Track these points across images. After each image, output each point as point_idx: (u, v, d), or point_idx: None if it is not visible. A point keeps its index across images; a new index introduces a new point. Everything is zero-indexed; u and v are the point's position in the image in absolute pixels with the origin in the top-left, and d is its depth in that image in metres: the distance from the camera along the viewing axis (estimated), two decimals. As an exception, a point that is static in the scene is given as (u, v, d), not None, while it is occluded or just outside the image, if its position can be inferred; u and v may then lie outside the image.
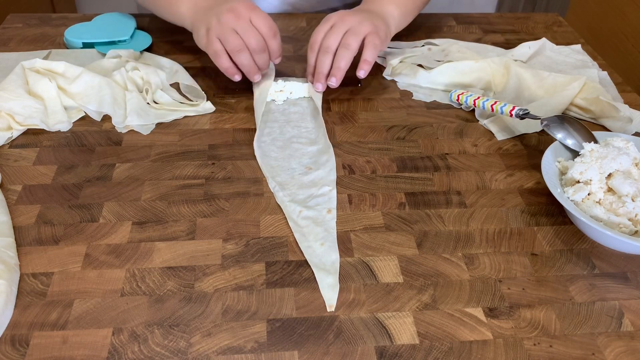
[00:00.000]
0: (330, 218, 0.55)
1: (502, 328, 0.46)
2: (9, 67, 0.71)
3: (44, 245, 0.51)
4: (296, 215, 0.55)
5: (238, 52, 0.65)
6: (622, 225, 0.51)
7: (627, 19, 1.22)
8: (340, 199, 0.58)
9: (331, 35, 0.68)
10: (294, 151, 0.63)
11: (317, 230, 0.53)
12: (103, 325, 0.45)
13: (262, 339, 0.44)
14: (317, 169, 0.60)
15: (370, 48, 0.68)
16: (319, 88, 0.70)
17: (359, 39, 0.67)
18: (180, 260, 0.50)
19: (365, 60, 0.68)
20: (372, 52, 0.68)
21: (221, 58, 0.66)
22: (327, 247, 0.52)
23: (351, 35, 0.67)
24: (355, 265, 0.51)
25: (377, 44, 0.68)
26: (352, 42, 0.67)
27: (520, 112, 0.64)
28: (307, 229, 0.53)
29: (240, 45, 0.65)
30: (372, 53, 0.68)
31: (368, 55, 0.68)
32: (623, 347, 0.45)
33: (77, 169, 0.60)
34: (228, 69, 0.66)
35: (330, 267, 0.50)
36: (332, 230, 0.54)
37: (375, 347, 0.44)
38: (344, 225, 0.55)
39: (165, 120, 0.67)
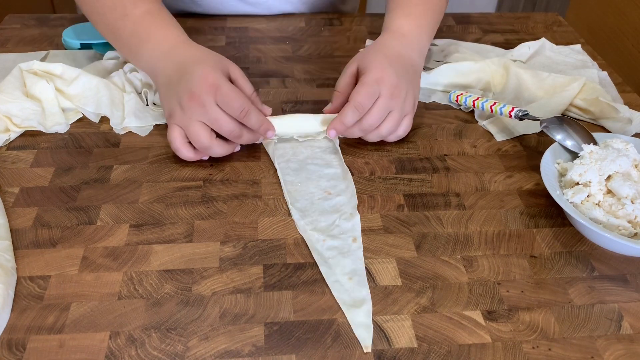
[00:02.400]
0: (356, 247, 0.52)
1: (501, 331, 0.46)
2: (6, 68, 0.71)
3: (41, 248, 0.51)
4: (320, 245, 0.52)
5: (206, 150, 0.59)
6: (622, 227, 0.51)
7: (627, 19, 1.22)
8: (339, 201, 0.57)
9: (376, 114, 0.60)
10: (310, 173, 0.60)
11: (344, 262, 0.50)
12: (100, 328, 0.44)
13: (259, 343, 0.44)
14: (337, 195, 0.58)
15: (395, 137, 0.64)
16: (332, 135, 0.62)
17: (397, 126, 0.63)
18: (178, 263, 0.50)
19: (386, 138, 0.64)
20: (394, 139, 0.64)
21: (180, 151, 0.59)
22: (356, 281, 0.49)
23: (393, 123, 0.62)
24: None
25: (407, 130, 0.64)
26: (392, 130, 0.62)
27: (519, 113, 0.64)
28: (334, 261, 0.51)
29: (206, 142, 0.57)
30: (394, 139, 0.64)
31: (392, 138, 0.64)
32: (622, 350, 0.45)
33: (74, 171, 0.60)
34: (190, 158, 0.60)
35: (361, 303, 0.47)
36: (360, 261, 0.51)
37: (374, 351, 0.44)
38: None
39: (163, 122, 0.67)
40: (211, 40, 0.84)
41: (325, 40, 0.86)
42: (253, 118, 0.59)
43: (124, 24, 0.64)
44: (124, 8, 0.63)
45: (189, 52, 0.62)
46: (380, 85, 0.60)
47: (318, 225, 0.54)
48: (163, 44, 0.63)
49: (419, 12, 0.70)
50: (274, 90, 0.74)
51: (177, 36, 0.64)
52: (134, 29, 0.63)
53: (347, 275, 0.49)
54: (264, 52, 0.82)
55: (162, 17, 0.65)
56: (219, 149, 0.59)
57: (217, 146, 0.59)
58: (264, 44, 0.85)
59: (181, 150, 0.59)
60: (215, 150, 0.59)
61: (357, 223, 0.55)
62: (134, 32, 0.63)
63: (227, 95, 0.57)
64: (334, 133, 0.61)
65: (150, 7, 0.64)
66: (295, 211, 0.55)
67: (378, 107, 0.60)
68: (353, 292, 0.48)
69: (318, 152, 0.64)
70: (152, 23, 0.64)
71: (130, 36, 0.64)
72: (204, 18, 0.89)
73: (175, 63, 0.61)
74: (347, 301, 0.47)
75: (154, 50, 0.62)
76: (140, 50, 0.63)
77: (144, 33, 0.63)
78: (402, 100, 0.61)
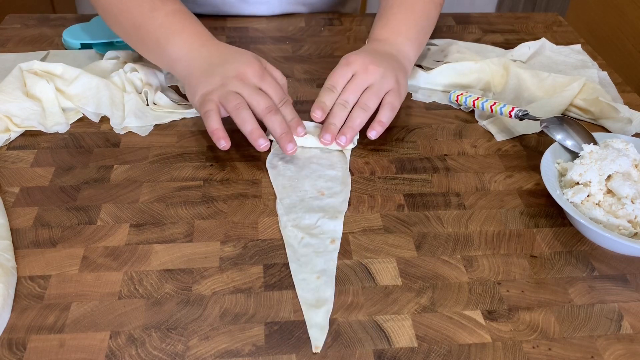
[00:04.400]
0: (332, 249, 0.52)
1: (501, 331, 0.46)
2: (6, 68, 0.71)
3: (41, 247, 0.51)
4: (297, 242, 0.52)
5: (239, 110, 0.57)
6: (622, 227, 0.51)
7: (627, 19, 1.22)
8: (339, 200, 0.57)
9: (351, 89, 0.61)
10: (311, 172, 0.60)
11: (316, 261, 0.50)
12: (100, 328, 0.44)
13: (259, 342, 0.44)
14: (329, 197, 0.57)
15: (387, 110, 0.62)
16: (327, 139, 0.61)
17: (378, 99, 0.62)
18: (178, 263, 0.50)
19: (379, 122, 0.61)
20: (388, 114, 0.62)
21: (211, 118, 0.57)
22: (323, 281, 0.49)
23: (371, 95, 0.61)
24: (354, 268, 0.50)
25: (396, 106, 0.63)
26: (371, 103, 0.61)
27: (519, 113, 0.64)
28: (305, 259, 0.50)
29: (242, 104, 0.57)
30: (389, 115, 0.62)
31: (384, 116, 0.62)
32: (622, 350, 0.45)
33: (74, 170, 0.60)
34: (216, 130, 0.57)
35: (322, 304, 0.47)
36: (333, 263, 0.50)
37: (374, 351, 0.44)
38: (343, 227, 0.54)
39: (164, 122, 0.67)
40: (211, 40, 0.84)
41: (325, 40, 0.87)
42: (290, 107, 0.61)
43: (152, 17, 0.64)
44: (153, 3, 0.64)
45: (226, 46, 0.64)
46: (351, 64, 0.62)
47: (300, 222, 0.54)
48: (198, 36, 0.64)
49: (396, 21, 0.71)
50: (274, 90, 0.74)
51: (210, 35, 0.65)
52: (164, 21, 0.64)
53: (316, 274, 0.49)
54: (264, 52, 0.82)
55: (192, 16, 0.66)
56: (249, 113, 0.57)
57: (249, 111, 0.58)
58: (264, 44, 0.85)
59: (212, 118, 0.57)
60: (246, 112, 0.57)
61: (340, 226, 0.54)
62: (165, 24, 0.64)
63: (272, 83, 0.60)
64: (319, 113, 0.62)
65: (180, 7, 0.66)
66: (281, 206, 0.56)
67: (351, 82, 0.62)
68: (318, 291, 0.48)
69: (325, 151, 0.63)
70: (184, 19, 0.65)
71: (160, 27, 0.64)
72: (204, 18, 0.89)
73: (215, 50, 0.62)
74: (309, 300, 0.47)
75: (188, 41, 0.63)
76: (172, 40, 0.63)
77: (177, 25, 0.64)
78: (379, 76, 0.62)
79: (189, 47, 0.63)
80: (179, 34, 0.63)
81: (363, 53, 0.64)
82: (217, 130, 0.57)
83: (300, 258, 0.51)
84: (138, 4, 0.65)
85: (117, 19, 0.67)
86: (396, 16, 0.71)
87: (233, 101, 0.57)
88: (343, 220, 0.55)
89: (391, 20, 0.71)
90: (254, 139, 0.57)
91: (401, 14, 0.71)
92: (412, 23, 0.71)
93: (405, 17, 0.71)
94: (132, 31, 0.66)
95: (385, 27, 0.71)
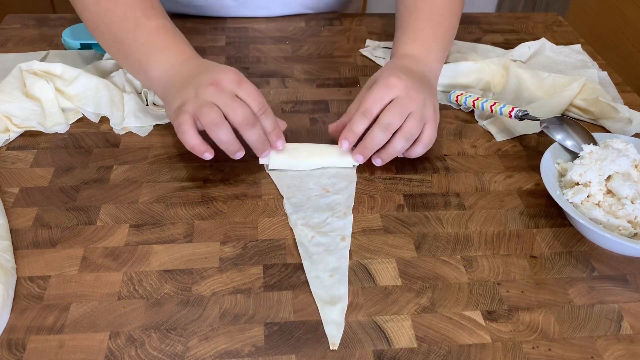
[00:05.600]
0: (343, 246, 0.52)
1: (501, 331, 0.46)
2: (6, 68, 0.71)
3: (41, 248, 0.51)
4: (308, 240, 0.52)
5: (215, 127, 0.53)
6: (622, 227, 0.51)
7: (627, 19, 1.22)
8: (339, 201, 0.57)
9: (396, 113, 0.57)
10: (312, 169, 0.61)
11: (328, 259, 0.51)
12: (100, 329, 0.44)
13: (259, 343, 0.44)
14: (335, 193, 0.58)
15: (422, 146, 0.59)
16: (360, 160, 0.59)
17: (420, 129, 0.58)
18: (178, 264, 0.50)
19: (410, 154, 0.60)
20: (422, 150, 0.60)
21: (187, 134, 0.53)
22: (337, 279, 0.49)
23: (416, 123, 0.57)
24: (354, 268, 0.50)
25: (432, 139, 0.59)
26: (415, 132, 0.58)
27: (519, 113, 0.64)
28: (318, 257, 0.51)
29: (218, 119, 0.53)
30: (422, 151, 0.60)
31: (418, 151, 0.60)
32: (622, 351, 0.45)
33: (74, 171, 0.60)
34: (195, 146, 0.53)
35: (337, 301, 0.47)
36: (345, 260, 0.51)
37: (373, 351, 0.44)
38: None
39: (163, 122, 0.67)
40: (211, 40, 0.84)
41: (325, 40, 0.86)
42: (270, 119, 0.57)
43: (134, 35, 0.61)
44: (137, 19, 0.62)
45: (208, 61, 0.61)
46: (392, 88, 0.57)
47: (310, 221, 0.54)
48: (180, 54, 0.61)
49: (425, 36, 0.68)
50: (274, 90, 0.74)
51: (192, 52, 0.62)
52: (147, 39, 0.61)
53: (329, 272, 0.50)
54: (264, 52, 0.82)
55: (177, 33, 0.63)
56: (227, 131, 0.54)
57: (227, 128, 0.53)
58: (264, 44, 0.84)
59: (188, 133, 0.53)
60: (223, 131, 0.53)
61: (349, 223, 0.55)
62: (147, 42, 0.61)
63: (249, 89, 0.56)
64: (346, 144, 0.58)
65: (164, 23, 0.63)
66: (289, 205, 0.56)
67: (395, 106, 0.57)
68: (332, 289, 0.48)
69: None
70: (167, 36, 0.62)
71: (142, 45, 0.61)
72: (204, 18, 0.89)
73: (196, 66, 0.59)
74: (324, 297, 0.48)
75: (169, 59, 0.60)
76: (154, 59, 0.60)
77: (159, 42, 0.61)
78: (421, 103, 0.58)
79: (170, 65, 0.60)
80: (160, 53, 0.61)
81: (402, 75, 0.59)
82: (197, 146, 0.54)
83: (312, 256, 0.51)
84: (122, 19, 0.62)
85: (100, 34, 0.65)
86: (425, 31, 0.68)
87: (208, 115, 0.53)
88: (352, 217, 0.55)
89: (420, 35, 0.68)
90: (231, 152, 0.55)
91: (430, 28, 0.68)
92: (440, 39, 0.68)
93: (433, 33, 0.68)
94: (115, 46, 0.64)
95: (414, 42, 0.67)
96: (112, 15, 0.62)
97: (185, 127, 0.53)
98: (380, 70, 0.63)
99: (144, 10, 0.62)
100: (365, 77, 0.78)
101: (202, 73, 0.56)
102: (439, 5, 0.69)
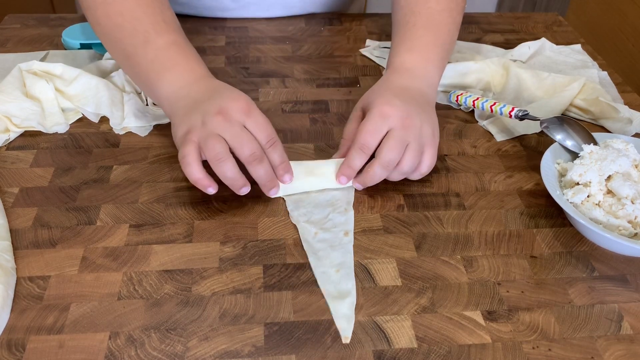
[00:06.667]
0: (347, 241, 0.52)
1: (501, 331, 0.46)
2: (6, 68, 0.71)
3: (40, 248, 0.51)
4: (311, 237, 0.53)
5: (219, 162, 0.51)
6: (622, 227, 0.51)
7: (627, 19, 1.22)
8: (339, 201, 0.57)
9: (394, 147, 0.54)
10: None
11: (333, 255, 0.51)
12: (100, 329, 0.44)
13: (259, 343, 0.44)
14: (334, 189, 0.58)
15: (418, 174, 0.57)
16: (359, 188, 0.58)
17: (418, 160, 0.56)
18: (178, 264, 0.50)
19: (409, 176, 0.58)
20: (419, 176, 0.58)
21: (191, 167, 0.51)
22: (343, 274, 0.49)
23: (413, 158, 0.55)
24: (354, 268, 0.50)
25: (431, 166, 0.57)
26: (413, 165, 0.56)
27: (519, 113, 0.64)
28: (323, 253, 0.51)
29: (223, 154, 0.51)
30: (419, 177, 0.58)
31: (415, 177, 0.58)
32: (622, 351, 0.45)
33: (74, 171, 0.60)
34: (199, 180, 0.51)
35: (345, 295, 0.48)
36: (350, 255, 0.51)
37: (373, 351, 0.44)
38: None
39: (163, 122, 0.67)
40: (211, 40, 0.84)
41: (325, 40, 0.86)
42: (278, 151, 0.54)
43: (144, 51, 0.59)
44: (147, 35, 0.59)
45: (219, 83, 0.58)
46: (387, 118, 0.55)
47: (312, 217, 0.55)
48: (190, 74, 0.58)
49: (423, 45, 0.64)
50: (274, 90, 0.74)
51: (204, 70, 0.60)
52: (157, 56, 0.59)
53: (335, 268, 0.50)
54: (264, 52, 0.82)
55: (189, 49, 0.61)
56: (232, 167, 0.51)
57: (232, 163, 0.51)
58: (264, 44, 0.84)
59: (192, 166, 0.51)
60: (228, 167, 0.51)
61: (351, 218, 0.55)
62: (156, 59, 0.59)
63: (258, 120, 0.53)
64: (344, 179, 0.57)
65: (176, 38, 0.60)
66: (290, 202, 0.56)
67: (393, 139, 0.54)
68: (339, 284, 0.49)
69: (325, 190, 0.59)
70: (178, 53, 0.59)
71: (152, 63, 0.59)
72: (204, 18, 0.89)
73: (205, 87, 0.57)
74: (332, 292, 0.48)
75: (178, 79, 0.58)
76: (163, 77, 0.58)
77: (169, 61, 0.59)
78: (417, 131, 0.55)
79: (179, 84, 0.57)
80: (170, 71, 0.58)
81: (397, 101, 0.56)
82: (200, 180, 0.51)
83: (317, 252, 0.51)
84: (132, 34, 0.59)
85: (112, 49, 0.62)
86: (423, 39, 0.64)
87: (213, 149, 0.51)
88: (353, 212, 0.55)
89: (417, 43, 0.64)
90: (236, 188, 0.53)
91: (428, 36, 0.65)
92: (440, 47, 0.65)
93: (433, 40, 0.65)
94: (125, 62, 0.62)
95: (412, 52, 0.64)
96: (122, 30, 0.60)
97: (189, 160, 0.51)
98: (372, 92, 0.60)
99: (154, 25, 0.60)
100: (365, 77, 0.78)
101: (211, 98, 0.54)
102: (438, 12, 0.66)
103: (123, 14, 0.60)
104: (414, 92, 0.60)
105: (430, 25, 0.65)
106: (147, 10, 0.60)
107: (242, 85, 0.75)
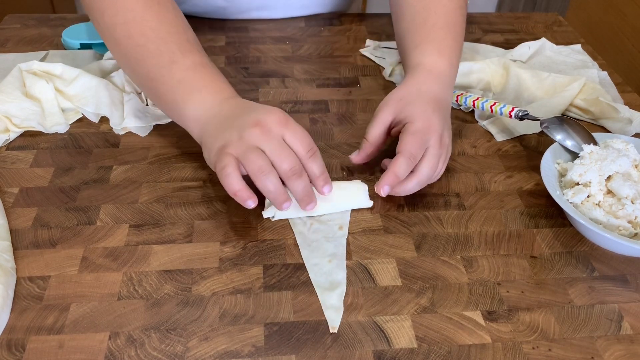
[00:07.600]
0: (341, 235, 0.53)
1: (501, 332, 0.46)
2: (6, 68, 0.71)
3: (40, 248, 0.51)
4: (307, 228, 0.53)
5: (262, 175, 0.49)
6: (622, 227, 0.51)
7: (627, 19, 1.22)
8: (339, 201, 0.57)
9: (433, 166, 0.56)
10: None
11: (326, 246, 0.52)
12: (100, 329, 0.44)
13: (259, 343, 0.44)
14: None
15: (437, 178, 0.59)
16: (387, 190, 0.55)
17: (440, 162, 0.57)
18: (178, 264, 0.50)
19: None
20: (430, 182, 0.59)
21: (231, 178, 0.49)
22: (335, 264, 0.50)
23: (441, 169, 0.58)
24: (354, 268, 0.50)
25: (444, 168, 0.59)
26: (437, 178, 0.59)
27: (519, 113, 0.64)
28: (316, 244, 0.52)
29: (266, 167, 0.49)
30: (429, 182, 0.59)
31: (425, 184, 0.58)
32: (622, 351, 0.45)
33: (74, 171, 0.60)
34: (238, 192, 0.50)
35: (336, 286, 0.48)
36: (342, 247, 0.52)
37: (373, 351, 0.44)
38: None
39: (163, 122, 0.67)
40: (211, 40, 0.84)
41: (325, 40, 0.86)
42: (317, 162, 0.53)
43: (170, 72, 0.57)
44: (172, 55, 0.57)
45: (250, 102, 0.57)
46: (430, 135, 0.55)
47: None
48: (219, 94, 0.57)
49: (449, 47, 0.65)
50: (274, 90, 0.74)
51: (232, 90, 0.58)
52: (184, 77, 0.57)
53: (328, 258, 0.51)
54: (264, 52, 0.82)
55: (214, 69, 0.59)
56: (275, 180, 0.50)
57: (275, 177, 0.50)
58: (263, 44, 0.84)
59: (232, 177, 0.49)
60: (271, 181, 0.50)
61: (347, 214, 0.56)
62: (183, 80, 0.57)
63: (297, 131, 0.52)
64: (387, 189, 0.55)
65: (201, 59, 0.59)
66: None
67: (433, 157, 0.55)
68: (331, 274, 0.50)
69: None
70: (205, 74, 0.58)
71: (179, 83, 0.57)
72: (204, 18, 0.89)
73: (236, 105, 0.55)
74: (323, 284, 0.49)
75: (208, 99, 0.56)
76: (191, 98, 0.56)
77: (197, 81, 0.57)
78: (446, 149, 0.58)
79: (209, 105, 0.56)
80: (198, 92, 0.56)
81: (436, 120, 0.57)
82: (240, 192, 0.50)
83: (311, 244, 0.52)
84: (156, 55, 0.57)
85: (132, 68, 0.60)
86: (446, 42, 0.65)
87: (255, 162, 0.49)
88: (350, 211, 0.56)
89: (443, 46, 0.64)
90: (279, 203, 0.51)
91: (450, 39, 0.65)
92: (459, 50, 0.66)
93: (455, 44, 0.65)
94: (147, 84, 0.59)
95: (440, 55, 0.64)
96: (145, 51, 0.57)
97: (229, 171, 0.49)
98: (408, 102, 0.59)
99: (179, 45, 0.58)
100: (365, 77, 0.78)
101: (244, 114, 0.53)
102: (452, 10, 0.66)
103: (146, 34, 0.57)
104: (444, 105, 0.61)
105: (450, 25, 0.66)
106: (171, 30, 0.58)
107: (242, 85, 0.75)
